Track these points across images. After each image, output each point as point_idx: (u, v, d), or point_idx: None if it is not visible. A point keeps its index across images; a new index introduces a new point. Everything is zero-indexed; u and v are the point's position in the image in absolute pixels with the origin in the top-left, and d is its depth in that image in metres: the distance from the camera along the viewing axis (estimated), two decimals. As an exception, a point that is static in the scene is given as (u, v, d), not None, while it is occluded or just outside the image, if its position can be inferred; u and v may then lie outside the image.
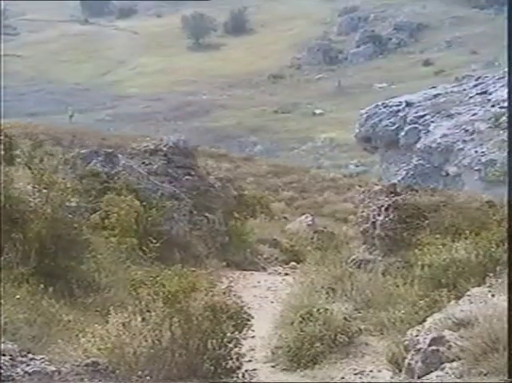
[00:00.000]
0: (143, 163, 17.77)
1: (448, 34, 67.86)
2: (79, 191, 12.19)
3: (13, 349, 5.50)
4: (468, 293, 6.97)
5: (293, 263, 18.35)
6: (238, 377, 7.44)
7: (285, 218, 26.00)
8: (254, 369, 8.26)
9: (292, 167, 39.37)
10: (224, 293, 8.11)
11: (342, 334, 9.02)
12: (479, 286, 7.16)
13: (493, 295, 6.56)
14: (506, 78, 13.04)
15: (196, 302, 7.23)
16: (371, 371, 7.87)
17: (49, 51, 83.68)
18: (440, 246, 9.01)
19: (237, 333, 7.50)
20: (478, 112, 12.37)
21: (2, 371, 5.03)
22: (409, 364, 6.40)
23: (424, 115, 13.24)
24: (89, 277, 10.09)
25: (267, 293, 13.93)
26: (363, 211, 14.07)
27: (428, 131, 12.72)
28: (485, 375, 5.33)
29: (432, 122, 12.88)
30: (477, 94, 13.18)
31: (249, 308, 8.33)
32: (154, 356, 6.75)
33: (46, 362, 5.52)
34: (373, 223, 12.00)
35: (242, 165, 40.13)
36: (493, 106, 12.27)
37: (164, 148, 18.76)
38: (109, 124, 52.31)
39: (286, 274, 16.56)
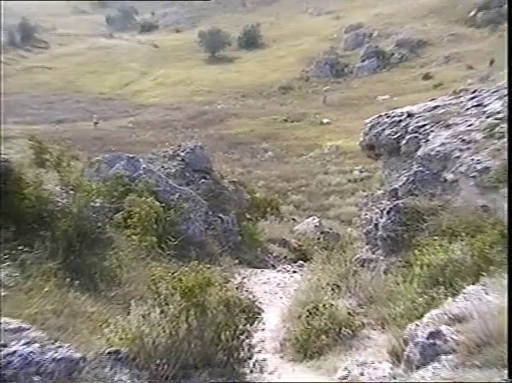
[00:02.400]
0: (163, 167, 17.82)
1: (446, 50, 67.58)
2: (103, 192, 12.22)
3: (43, 337, 5.54)
4: (464, 291, 6.95)
5: (301, 262, 18.32)
6: (249, 366, 7.47)
7: (293, 219, 25.95)
8: (264, 360, 8.27)
9: (300, 172, 39.32)
10: (237, 288, 8.14)
11: (346, 328, 9.03)
12: (474, 284, 7.14)
13: (487, 293, 6.55)
14: (502, 89, 13.01)
15: (211, 296, 7.26)
16: (372, 362, 7.86)
17: (76, 63, 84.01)
18: (438, 247, 8.98)
19: (248, 325, 7.54)
20: (474, 123, 12.30)
21: (33, 357, 5.08)
22: (408, 356, 6.41)
23: (424, 125, 13.16)
24: (112, 272, 10.13)
25: (276, 289, 13.93)
26: (366, 214, 14.05)
27: (428, 140, 12.65)
28: (479, 367, 5.33)
29: (431, 132, 12.81)
30: (473, 106, 13.10)
31: (259, 303, 8.36)
32: (171, 346, 6.78)
33: (72, 350, 5.56)
34: (376, 225, 11.99)
35: (254, 170, 40.11)
36: (488, 117, 12.20)
37: (182, 153, 18.82)
38: (131, 131, 52.44)
39: (294, 272, 16.54)
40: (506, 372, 5.12)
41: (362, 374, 7.62)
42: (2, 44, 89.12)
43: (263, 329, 8.80)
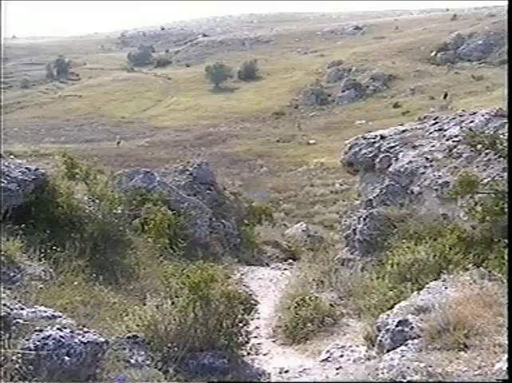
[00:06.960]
0: (174, 179, 17.80)
1: (412, 84, 67.69)
2: (123, 201, 12.21)
3: (72, 323, 5.52)
4: (427, 286, 6.96)
5: (291, 260, 18.27)
6: (246, 349, 7.45)
7: (284, 225, 25.88)
8: (259, 344, 8.25)
9: (290, 185, 39.24)
10: (236, 283, 8.13)
11: (328, 317, 9.02)
12: (435, 280, 7.14)
13: (446, 288, 6.56)
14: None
15: (214, 290, 7.25)
16: (350, 346, 7.85)
17: (102, 92, 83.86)
18: (406, 249, 9.00)
19: (246, 315, 7.52)
20: (436, 145, 12.35)
21: (64, 340, 5.06)
22: (380, 341, 6.40)
23: (394, 146, 13.21)
24: (131, 269, 10.11)
25: (270, 283, 13.88)
26: (346, 220, 14.08)
27: (397, 158, 12.70)
28: (439, 350, 5.32)
29: (401, 151, 12.86)
30: (435, 130, 13.15)
31: (255, 295, 8.34)
32: (180, 332, 6.76)
33: (97, 335, 5.54)
34: (354, 229, 12.00)
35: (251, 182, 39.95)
36: (447, 140, 12.25)
37: (190, 168, 18.81)
38: (148, 149, 52.35)
39: (285, 269, 16.49)
40: (462, 353, 5.11)
41: (342, 356, 7.61)
42: (42, 77, 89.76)
43: (258, 318, 8.79)
